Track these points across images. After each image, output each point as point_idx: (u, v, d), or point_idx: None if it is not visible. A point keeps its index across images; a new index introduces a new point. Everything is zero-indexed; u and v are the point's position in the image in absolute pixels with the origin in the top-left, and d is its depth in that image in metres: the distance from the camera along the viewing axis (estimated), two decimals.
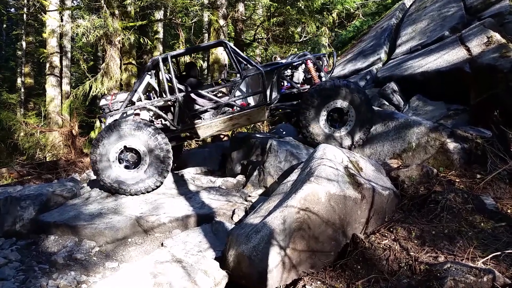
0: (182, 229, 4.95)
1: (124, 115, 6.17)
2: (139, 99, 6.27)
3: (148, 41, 12.86)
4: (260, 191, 5.85)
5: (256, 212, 4.25)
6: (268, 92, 6.13)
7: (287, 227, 3.62)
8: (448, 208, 4.01)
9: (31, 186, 6.49)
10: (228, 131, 6.89)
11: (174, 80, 6.10)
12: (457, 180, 4.63)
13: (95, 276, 4.23)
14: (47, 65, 14.44)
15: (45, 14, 14.14)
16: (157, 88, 6.51)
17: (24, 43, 21.03)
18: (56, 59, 14.41)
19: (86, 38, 10.88)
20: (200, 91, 6.21)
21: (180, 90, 6.15)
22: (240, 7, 13.36)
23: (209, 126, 6.20)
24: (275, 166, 5.93)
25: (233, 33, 14.90)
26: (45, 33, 14.68)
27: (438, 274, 3.00)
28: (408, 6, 12.53)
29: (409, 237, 3.74)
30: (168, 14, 13.70)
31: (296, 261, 3.61)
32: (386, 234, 3.84)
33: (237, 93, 6.21)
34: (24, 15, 18.84)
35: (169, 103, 6.19)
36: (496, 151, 4.84)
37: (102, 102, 6.39)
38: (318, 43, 14.29)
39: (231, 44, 6.41)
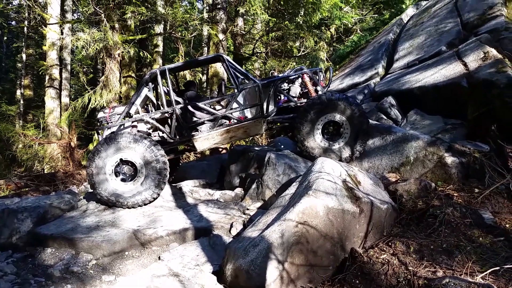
0: (179, 242, 4.93)
1: (122, 127, 6.19)
2: (137, 112, 6.30)
3: (148, 55, 12.96)
4: (258, 204, 5.84)
5: (254, 226, 4.24)
6: (264, 105, 6.18)
7: (285, 241, 3.61)
8: (447, 222, 4.01)
9: (28, 198, 6.46)
10: (225, 144, 6.90)
11: (172, 93, 6.15)
12: (455, 194, 4.63)
13: None
14: (47, 77, 14.49)
15: (46, 27, 14.25)
16: (155, 101, 6.54)
17: (24, 56, 21.16)
18: (55, 72, 14.47)
19: (86, 51, 10.95)
20: (197, 103, 6.25)
21: (177, 103, 6.19)
22: (239, 21, 13.50)
23: (206, 138, 6.22)
24: (273, 179, 5.93)
25: (232, 47, 15.02)
26: (45, 45, 14.77)
27: None
28: (405, 22, 12.67)
29: (407, 251, 3.73)
30: (168, 28, 13.82)
31: (294, 276, 3.59)
32: (385, 249, 3.83)
33: (234, 105, 6.25)
34: (25, 28, 19.01)
35: (167, 115, 6.21)
36: (494, 165, 4.85)
37: (100, 114, 6.43)
38: (317, 57, 14.40)
39: (229, 57, 6.48)
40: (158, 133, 6.32)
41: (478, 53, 6.76)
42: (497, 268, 3.20)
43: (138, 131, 6.17)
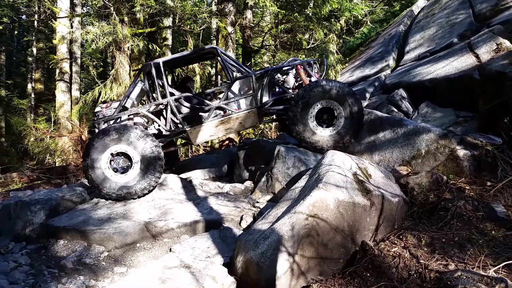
0: (190, 234, 4.96)
1: (118, 121, 6.29)
2: (133, 105, 6.36)
3: (157, 48, 12.93)
4: (268, 197, 5.85)
5: (264, 218, 4.25)
6: (258, 96, 6.30)
7: (295, 233, 3.61)
8: (458, 215, 3.98)
9: (41, 191, 6.54)
10: (221, 136, 6.92)
11: (166, 85, 6.27)
12: (467, 188, 4.59)
13: (104, 281, 4.24)
14: (57, 71, 14.59)
15: (56, 20, 14.32)
16: (150, 94, 6.62)
17: (34, 49, 21.29)
18: (66, 65, 14.56)
19: (95, 45, 10.98)
20: (191, 95, 6.41)
21: (172, 94, 6.27)
22: (248, 14, 13.44)
23: (200, 130, 6.29)
24: (283, 172, 5.92)
25: (241, 40, 14.97)
26: (55, 39, 14.86)
27: (449, 282, 2.98)
28: (416, 13, 12.52)
29: (419, 244, 3.71)
30: (177, 21, 13.79)
31: (304, 268, 3.60)
32: (396, 242, 3.82)
33: (229, 97, 6.37)
34: (35, 22, 19.08)
35: (161, 107, 6.29)
36: (507, 158, 4.80)
37: (97, 109, 6.53)
38: (326, 49, 14.25)
39: (222, 49, 6.62)
40: (154, 125, 6.39)
41: (491, 44, 6.65)
42: (511, 261, 3.18)
43: (135, 123, 6.22)
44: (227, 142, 10.38)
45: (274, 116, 7.08)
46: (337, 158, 4.49)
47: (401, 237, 3.88)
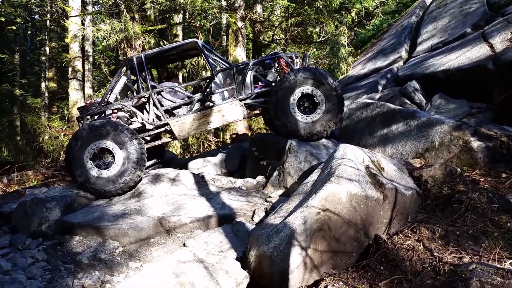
0: (203, 229, 4.99)
1: (102, 115, 6.36)
2: (116, 99, 6.44)
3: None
4: (280, 191, 5.85)
5: (277, 213, 4.25)
6: (240, 88, 6.38)
7: (307, 227, 3.61)
8: (473, 208, 3.93)
9: (56, 188, 6.63)
10: (206, 131, 6.97)
11: (148, 78, 6.38)
12: (482, 180, 4.53)
13: (119, 275, 4.30)
14: (70, 69, 14.74)
15: (67, 19, 14.44)
16: (132, 88, 6.70)
17: (47, 49, 21.52)
18: (78, 64, 14.70)
19: (106, 42, 11.07)
20: (173, 87, 6.50)
21: (153, 87, 6.38)
22: (258, 8, 13.38)
23: (183, 122, 6.34)
24: (295, 166, 5.92)
25: (251, 35, 14.93)
26: (68, 38, 15.00)
27: (463, 275, 2.95)
28: (428, 4, 12.35)
29: (433, 237, 3.68)
30: (187, 17, 13.81)
31: (317, 262, 3.60)
32: (410, 235, 3.79)
33: (212, 90, 6.46)
34: (48, 21, 19.26)
35: (144, 100, 6.34)
36: None
37: (81, 104, 6.60)
38: (337, 42, 14.14)
39: (203, 42, 6.71)
40: (138, 119, 6.45)
41: (505, 33, 6.54)
42: None
43: (118, 117, 6.28)
44: (237, 135, 10.41)
45: (258, 111, 7.14)
46: (349, 151, 4.46)
47: (414, 230, 3.86)
